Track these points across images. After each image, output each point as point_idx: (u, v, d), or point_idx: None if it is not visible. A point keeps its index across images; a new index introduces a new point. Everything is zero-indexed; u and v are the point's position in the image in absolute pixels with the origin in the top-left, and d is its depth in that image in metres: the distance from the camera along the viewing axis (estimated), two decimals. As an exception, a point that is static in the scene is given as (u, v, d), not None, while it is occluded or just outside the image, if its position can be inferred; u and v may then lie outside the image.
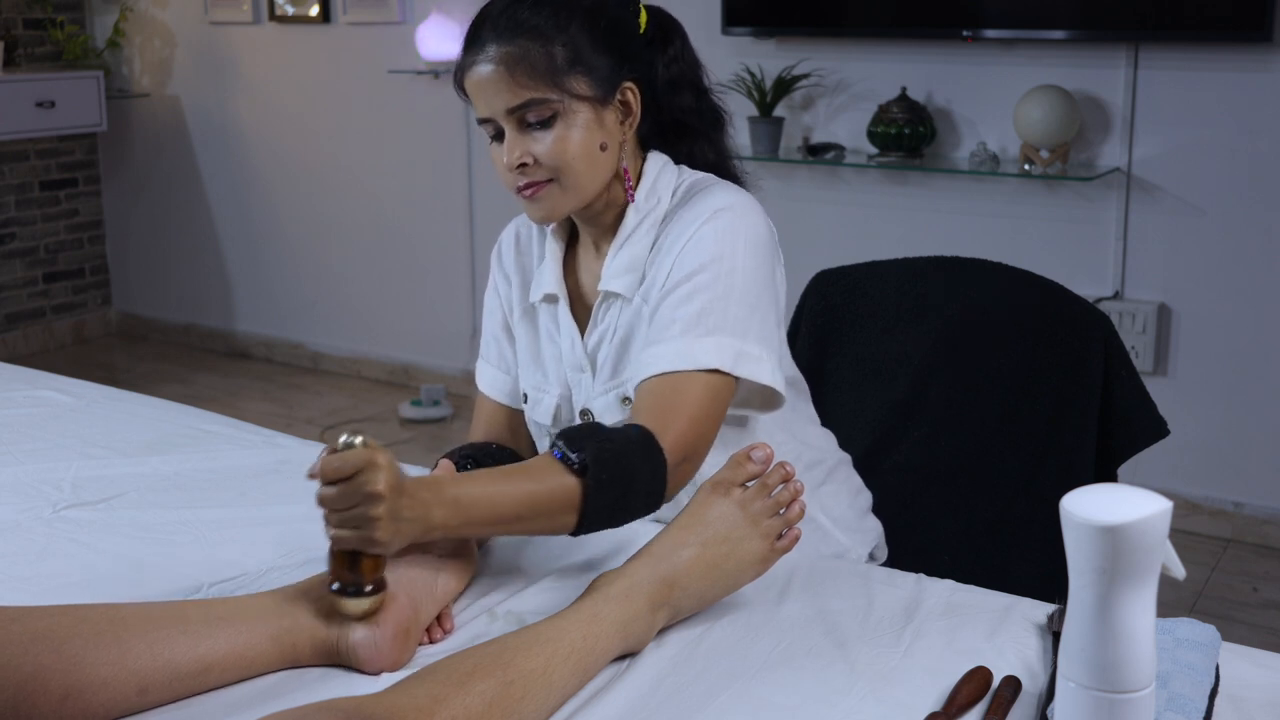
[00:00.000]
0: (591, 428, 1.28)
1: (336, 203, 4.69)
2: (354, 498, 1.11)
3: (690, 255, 1.38)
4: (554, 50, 1.35)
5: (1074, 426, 1.74)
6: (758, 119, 3.58)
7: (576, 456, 1.23)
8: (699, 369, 1.33)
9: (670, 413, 1.31)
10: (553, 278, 1.51)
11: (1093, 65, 3.25)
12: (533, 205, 1.42)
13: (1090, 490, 0.90)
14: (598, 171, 1.41)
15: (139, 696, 1.08)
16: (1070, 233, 3.36)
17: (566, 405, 1.53)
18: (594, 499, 1.23)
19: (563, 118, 1.36)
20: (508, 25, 1.35)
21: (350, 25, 4.47)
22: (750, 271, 1.39)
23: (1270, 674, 1.14)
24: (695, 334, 1.34)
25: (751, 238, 1.40)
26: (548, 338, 1.53)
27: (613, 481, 1.24)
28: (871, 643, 1.20)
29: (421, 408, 4.22)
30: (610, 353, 1.47)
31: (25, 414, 1.93)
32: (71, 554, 1.44)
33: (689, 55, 1.51)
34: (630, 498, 1.25)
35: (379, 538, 1.13)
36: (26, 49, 4.94)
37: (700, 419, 1.33)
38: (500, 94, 1.36)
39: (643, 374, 1.35)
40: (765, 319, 1.39)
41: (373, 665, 1.16)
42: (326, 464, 1.12)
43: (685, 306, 1.36)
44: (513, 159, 1.37)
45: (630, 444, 1.26)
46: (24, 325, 5.11)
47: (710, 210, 1.40)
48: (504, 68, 1.35)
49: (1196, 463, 3.29)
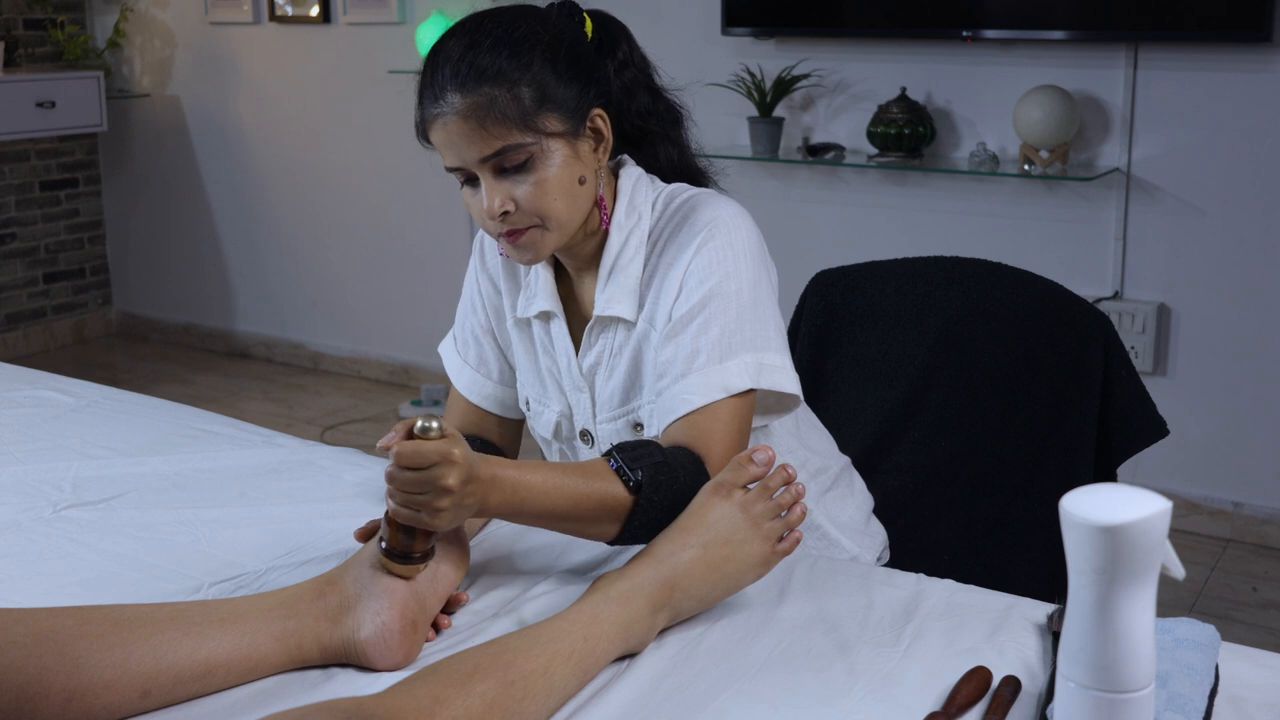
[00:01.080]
0: (648, 448, 1.30)
1: (337, 203, 4.70)
2: (425, 486, 1.15)
3: (697, 281, 1.38)
4: (520, 92, 1.31)
5: (1074, 426, 1.74)
6: (758, 119, 3.58)
7: (633, 474, 1.26)
8: (731, 395, 1.35)
9: (709, 439, 1.34)
10: (548, 294, 1.49)
11: (1092, 65, 3.25)
12: (518, 251, 1.39)
13: (1090, 490, 0.90)
14: (579, 206, 1.39)
15: (142, 699, 1.08)
16: (1070, 233, 3.36)
17: (567, 423, 1.53)
18: (640, 516, 1.27)
19: (539, 159, 1.34)
20: (469, 73, 1.31)
21: (350, 25, 4.47)
22: (754, 283, 1.39)
23: (1270, 674, 1.14)
24: (720, 360, 1.36)
25: (747, 248, 1.40)
26: (542, 351, 1.52)
27: (662, 504, 1.27)
28: (871, 643, 1.20)
29: (421, 408, 4.22)
30: (619, 380, 1.46)
31: (25, 414, 1.93)
32: (71, 554, 1.44)
33: (638, 56, 1.49)
34: (672, 518, 1.27)
35: (438, 524, 1.17)
36: (27, 49, 4.94)
37: (736, 441, 1.36)
38: (472, 145, 1.32)
39: (681, 410, 1.36)
40: (778, 326, 1.41)
41: (382, 662, 1.16)
42: (404, 449, 1.14)
43: (705, 335, 1.36)
44: (494, 208, 1.34)
45: (684, 471, 1.30)
46: (24, 325, 5.11)
47: (704, 228, 1.39)
48: (473, 119, 1.31)
49: (1196, 463, 3.29)
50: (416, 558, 1.20)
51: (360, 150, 4.59)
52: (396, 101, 4.39)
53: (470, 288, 1.59)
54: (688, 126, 1.54)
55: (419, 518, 1.17)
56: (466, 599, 1.29)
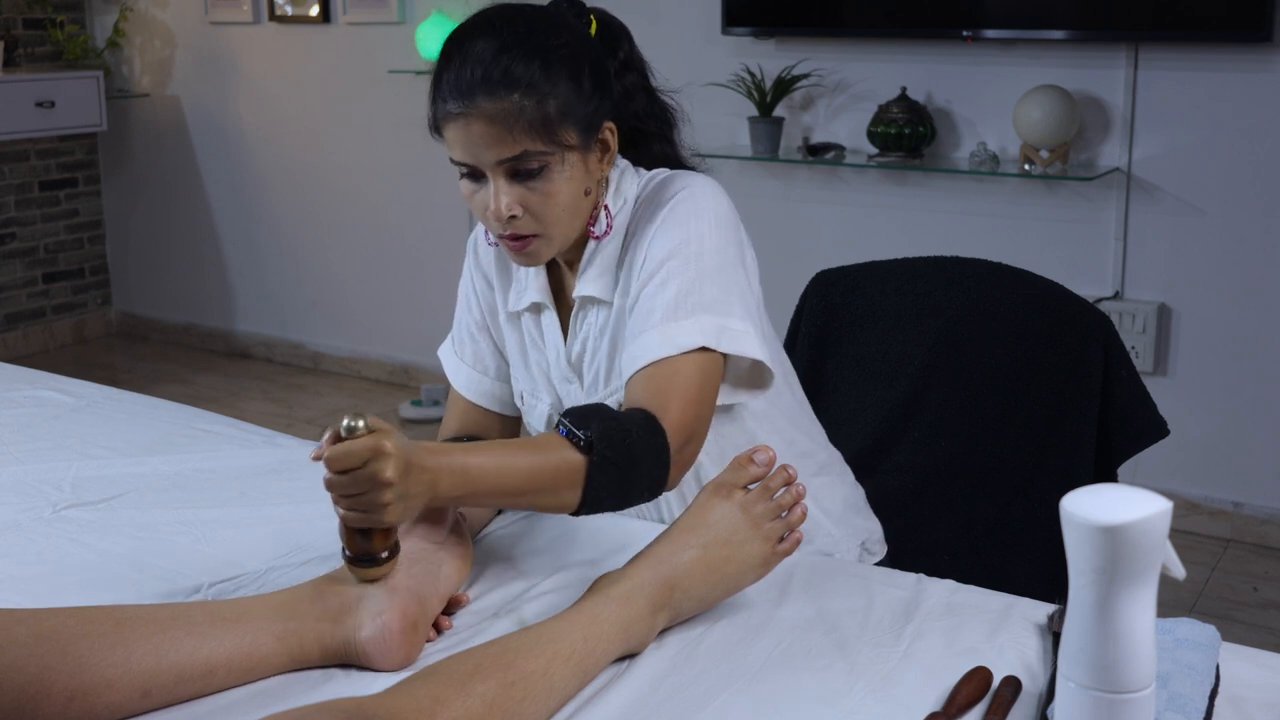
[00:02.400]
0: (596, 408, 1.28)
1: (337, 203, 4.69)
2: (363, 485, 1.11)
3: (659, 242, 1.38)
4: (547, 104, 1.32)
5: (1074, 426, 1.74)
6: (758, 119, 3.58)
7: (583, 434, 1.24)
8: (686, 351, 1.33)
9: (665, 397, 1.31)
10: (538, 286, 1.50)
11: (1092, 65, 3.25)
12: (519, 256, 1.40)
13: (1090, 490, 0.90)
14: (581, 217, 1.41)
15: (143, 698, 1.08)
16: (1070, 233, 3.36)
17: (559, 416, 1.52)
18: (598, 476, 1.24)
19: (553, 169, 1.34)
20: (502, 79, 1.31)
21: (350, 25, 4.47)
22: (719, 249, 1.38)
23: (1270, 674, 1.14)
24: (676, 317, 1.34)
25: (715, 216, 1.40)
26: (532, 344, 1.53)
27: (617, 460, 1.24)
28: (871, 643, 1.20)
29: (421, 408, 4.22)
30: (601, 360, 1.47)
31: (25, 414, 1.93)
32: (71, 554, 1.44)
33: (636, 58, 1.50)
34: (634, 478, 1.26)
35: (388, 520, 1.14)
36: (26, 49, 4.94)
37: (695, 400, 1.33)
38: (492, 147, 1.32)
39: (632, 367, 1.35)
40: (743, 294, 1.39)
41: (383, 662, 1.16)
42: (333, 453, 1.11)
43: (662, 293, 1.36)
44: (502, 210, 1.34)
45: (635, 425, 1.27)
46: (24, 325, 5.11)
47: (671, 195, 1.40)
48: (499, 124, 1.31)
49: (1196, 463, 3.29)
50: (383, 558, 1.17)
51: (360, 150, 4.59)
52: (396, 101, 4.39)
53: (465, 285, 1.59)
54: (682, 127, 1.54)
55: (369, 518, 1.13)
56: (468, 600, 1.29)
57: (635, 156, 1.50)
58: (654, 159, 1.51)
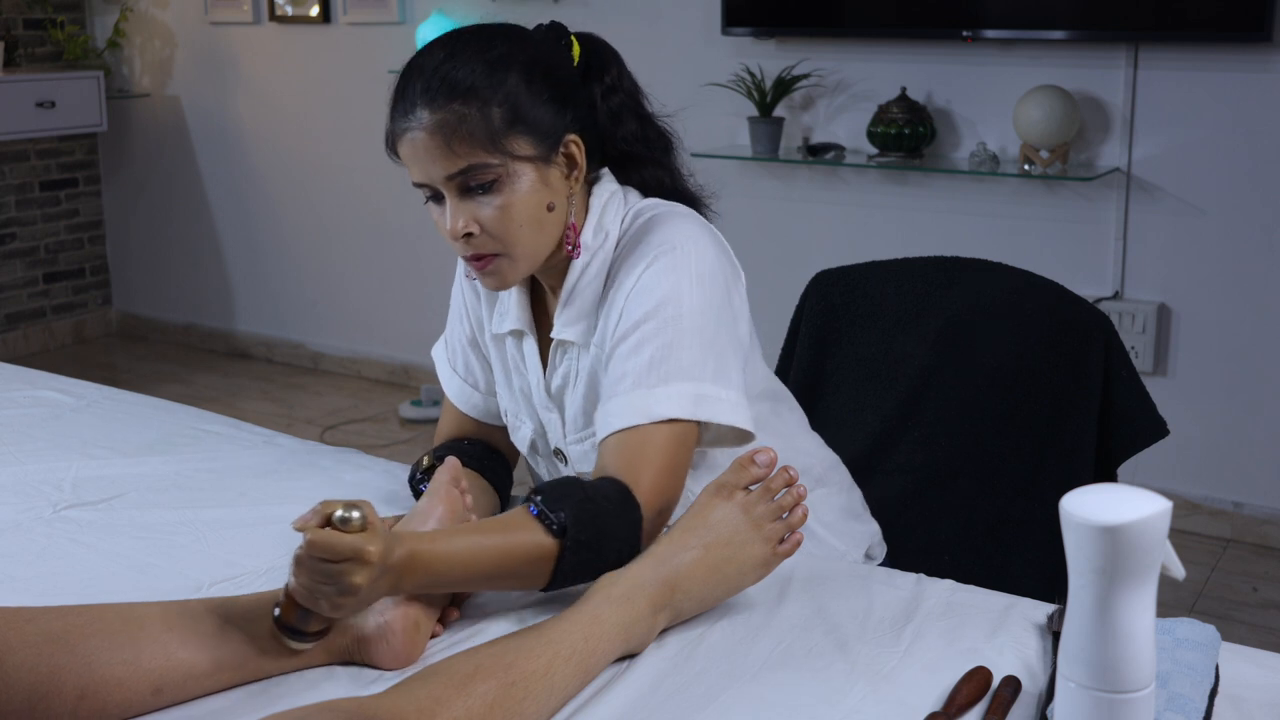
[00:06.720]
0: (570, 485, 1.25)
1: (337, 202, 4.70)
2: (331, 579, 1.08)
3: (635, 303, 1.33)
4: (491, 111, 1.27)
5: (1074, 426, 1.74)
6: (758, 119, 3.58)
7: (556, 517, 1.21)
8: (658, 421, 1.29)
9: (637, 468, 1.27)
10: (519, 313, 1.47)
11: (1092, 65, 3.25)
12: (485, 277, 1.36)
13: (1090, 490, 0.90)
14: (546, 235, 1.35)
15: (154, 696, 1.09)
16: (1070, 233, 3.36)
17: (542, 440, 1.51)
18: (570, 559, 1.21)
19: (505, 182, 1.29)
20: (440, 88, 1.27)
21: (350, 25, 4.47)
22: (699, 311, 1.33)
23: (1270, 674, 1.14)
24: (648, 385, 1.30)
25: (699, 273, 1.34)
26: (514, 369, 1.50)
27: (590, 542, 1.21)
28: (871, 643, 1.20)
29: (421, 408, 4.22)
30: (578, 401, 1.43)
31: (25, 414, 1.93)
32: (71, 554, 1.44)
33: (627, 82, 1.45)
34: (606, 554, 1.22)
35: (336, 615, 1.12)
36: (26, 49, 4.94)
37: (668, 469, 1.29)
38: (436, 161, 1.28)
39: (605, 429, 1.31)
40: (721, 356, 1.34)
41: (385, 660, 1.16)
42: (317, 539, 1.07)
43: (634, 358, 1.31)
44: (457, 228, 1.30)
45: (609, 503, 1.24)
46: (24, 325, 5.11)
47: (653, 250, 1.34)
48: (439, 136, 1.27)
49: (1196, 463, 3.29)
50: (309, 635, 1.14)
51: (360, 150, 4.59)
52: (396, 101, 4.40)
53: (456, 298, 1.57)
54: (679, 152, 1.50)
55: (318, 605, 1.10)
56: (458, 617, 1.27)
57: (627, 179, 1.46)
58: (646, 183, 1.46)
